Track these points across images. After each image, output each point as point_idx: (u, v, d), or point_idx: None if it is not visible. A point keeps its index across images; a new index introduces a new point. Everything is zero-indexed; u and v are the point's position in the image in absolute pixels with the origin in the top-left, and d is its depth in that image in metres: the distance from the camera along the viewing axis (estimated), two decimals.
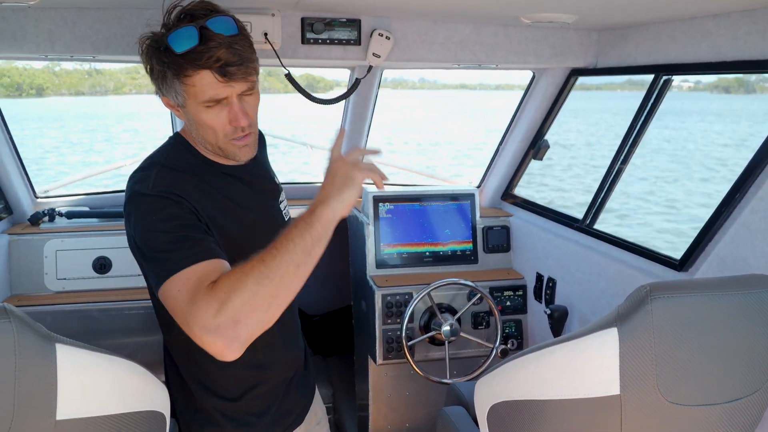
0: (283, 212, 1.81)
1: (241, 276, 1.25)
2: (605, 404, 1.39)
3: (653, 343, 1.34)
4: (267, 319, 1.27)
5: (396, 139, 29.07)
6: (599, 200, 2.62)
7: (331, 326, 4.08)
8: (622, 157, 2.51)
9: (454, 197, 3.14)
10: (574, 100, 2.94)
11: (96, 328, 2.55)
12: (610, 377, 1.37)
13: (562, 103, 2.93)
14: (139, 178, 1.53)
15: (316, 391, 2.00)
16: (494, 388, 1.63)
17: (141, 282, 2.64)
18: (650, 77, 2.35)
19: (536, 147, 3.07)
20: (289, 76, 2.38)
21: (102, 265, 2.69)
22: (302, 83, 2.37)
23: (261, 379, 1.71)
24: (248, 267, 1.27)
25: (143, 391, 1.42)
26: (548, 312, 2.65)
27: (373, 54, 2.39)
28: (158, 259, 1.38)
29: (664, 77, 2.29)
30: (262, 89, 1.61)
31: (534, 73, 2.96)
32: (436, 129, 35.52)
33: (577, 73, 2.77)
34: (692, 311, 1.36)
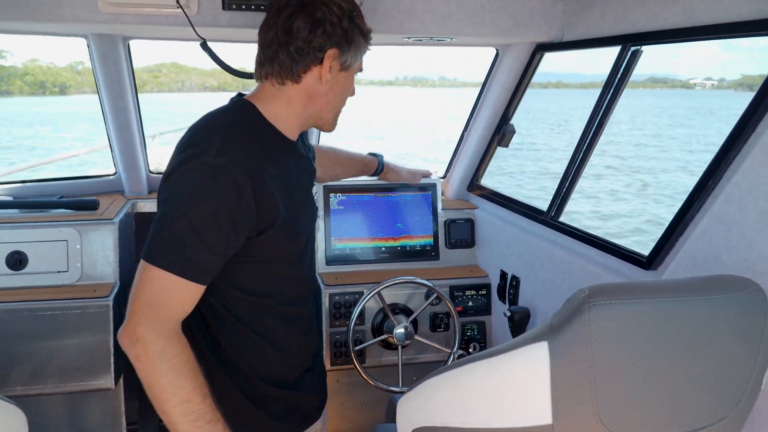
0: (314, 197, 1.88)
1: (170, 385, 1.38)
2: None
3: (591, 361, 1.07)
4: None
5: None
6: (564, 190, 2.35)
7: None
8: (586, 143, 2.24)
9: (413, 188, 2.87)
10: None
11: (3, 333, 2.28)
12: (540, 403, 1.11)
13: (527, 84, 2.65)
14: (198, 141, 1.45)
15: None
16: (414, 410, 1.37)
17: (60, 280, 2.41)
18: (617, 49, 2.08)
19: (501, 132, 2.80)
20: (204, 45, 2.10)
21: (18, 261, 2.42)
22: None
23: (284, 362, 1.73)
24: (183, 391, 1.39)
25: None
26: (508, 314, 2.38)
27: None
28: (164, 239, 1.39)
29: (633, 48, 2.02)
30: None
31: (497, 50, 2.68)
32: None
33: (543, 48, 2.49)
34: (642, 321, 1.09)
